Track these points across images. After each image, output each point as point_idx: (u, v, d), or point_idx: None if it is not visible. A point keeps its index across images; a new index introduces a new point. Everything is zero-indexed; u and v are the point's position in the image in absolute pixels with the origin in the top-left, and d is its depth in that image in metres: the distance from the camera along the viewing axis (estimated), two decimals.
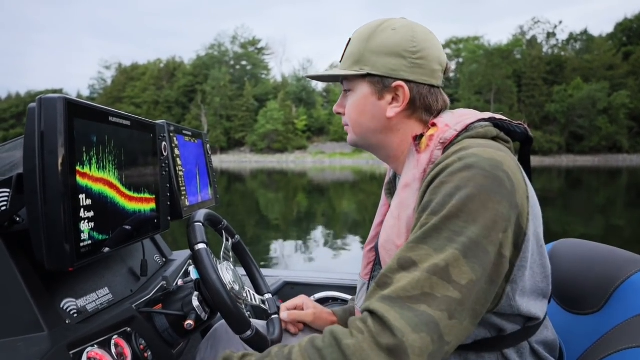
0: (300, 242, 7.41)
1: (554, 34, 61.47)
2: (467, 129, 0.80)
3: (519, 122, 0.86)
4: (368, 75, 0.87)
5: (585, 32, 60.42)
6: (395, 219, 0.83)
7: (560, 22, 67.65)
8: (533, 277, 0.78)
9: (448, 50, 63.67)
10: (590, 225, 9.03)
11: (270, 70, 75.22)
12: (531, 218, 0.74)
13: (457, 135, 0.80)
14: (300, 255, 6.52)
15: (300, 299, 1.19)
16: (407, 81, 0.85)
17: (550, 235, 0.88)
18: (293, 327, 1.15)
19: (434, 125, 0.84)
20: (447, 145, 0.80)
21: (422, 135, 0.85)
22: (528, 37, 61.58)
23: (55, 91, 0.72)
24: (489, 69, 54.08)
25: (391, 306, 0.65)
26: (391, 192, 1.00)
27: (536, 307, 0.80)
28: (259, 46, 74.43)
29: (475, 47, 58.77)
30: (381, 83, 0.86)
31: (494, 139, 0.81)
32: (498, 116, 0.85)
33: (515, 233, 0.72)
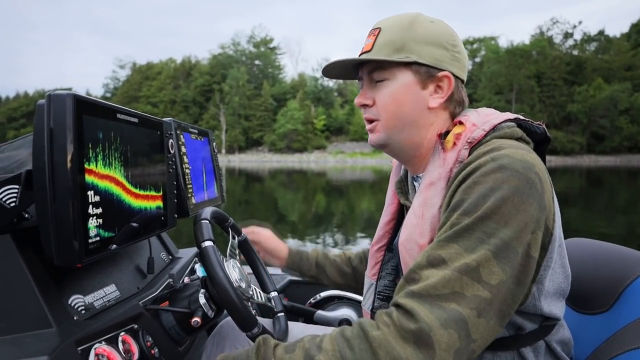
0: (315, 239, 7.45)
1: (571, 34, 61.23)
2: (494, 129, 0.80)
3: (539, 122, 0.86)
4: (414, 63, 0.85)
5: (602, 33, 60.13)
6: (418, 218, 0.83)
7: (580, 22, 67.78)
8: (556, 277, 0.79)
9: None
10: (613, 222, 9.05)
11: (282, 69, 75.48)
12: (556, 218, 0.75)
13: (485, 135, 0.80)
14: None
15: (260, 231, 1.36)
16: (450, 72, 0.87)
17: (572, 233, 0.88)
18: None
19: (460, 123, 0.84)
20: (474, 145, 0.79)
21: (447, 133, 0.84)
22: (545, 37, 61.28)
23: (66, 89, 0.72)
24: (511, 69, 53.94)
25: (421, 302, 0.66)
26: (402, 190, 0.99)
27: (556, 306, 0.80)
28: (271, 45, 74.46)
29: (494, 47, 58.59)
30: (427, 72, 0.86)
31: (518, 139, 0.81)
32: (521, 117, 0.85)
33: (543, 234, 0.72)
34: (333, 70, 0.93)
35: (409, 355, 0.62)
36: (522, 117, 0.85)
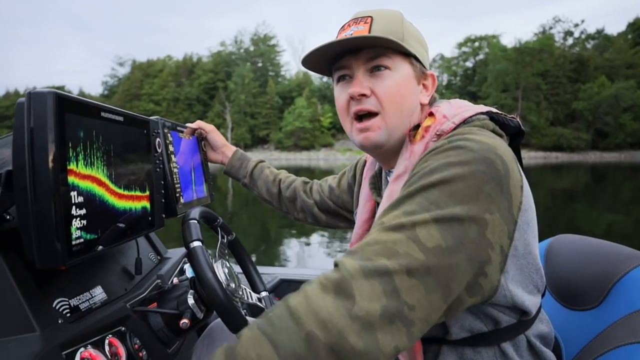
0: (320, 235, 7.51)
1: (572, 33, 61.83)
2: (465, 122, 0.79)
3: (513, 116, 0.84)
4: (414, 56, 0.85)
5: (600, 32, 60.92)
6: None
7: (583, 21, 68.83)
8: (526, 267, 0.76)
9: (466, 49, 64.26)
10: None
11: (283, 66, 74.94)
12: (524, 208, 0.72)
13: (454, 129, 0.78)
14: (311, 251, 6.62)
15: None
16: None
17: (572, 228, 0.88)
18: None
19: (431, 114, 0.82)
20: (441, 137, 0.78)
21: (417, 126, 0.83)
22: (547, 34, 61.81)
23: (59, 88, 0.70)
24: (518, 67, 54.19)
25: (350, 257, 0.63)
26: (375, 186, 0.98)
27: (530, 300, 0.78)
28: (270, 43, 73.98)
29: (499, 45, 59.02)
30: (420, 69, 0.86)
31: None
32: (494, 110, 0.83)
33: (506, 220, 0.68)
34: (312, 61, 0.86)
35: (328, 304, 0.58)
36: (494, 110, 0.83)
